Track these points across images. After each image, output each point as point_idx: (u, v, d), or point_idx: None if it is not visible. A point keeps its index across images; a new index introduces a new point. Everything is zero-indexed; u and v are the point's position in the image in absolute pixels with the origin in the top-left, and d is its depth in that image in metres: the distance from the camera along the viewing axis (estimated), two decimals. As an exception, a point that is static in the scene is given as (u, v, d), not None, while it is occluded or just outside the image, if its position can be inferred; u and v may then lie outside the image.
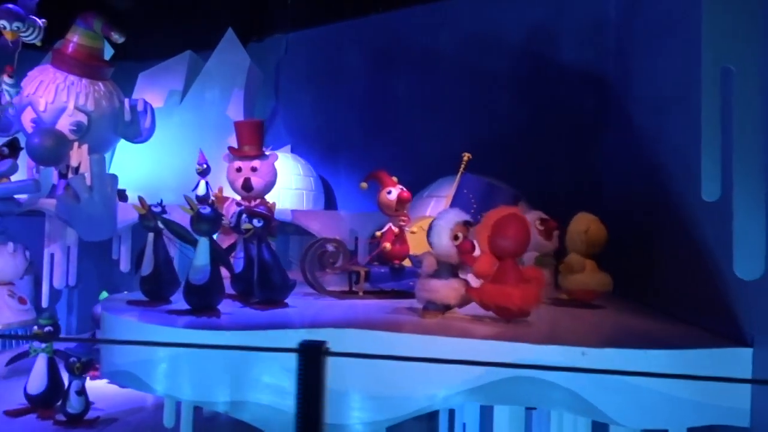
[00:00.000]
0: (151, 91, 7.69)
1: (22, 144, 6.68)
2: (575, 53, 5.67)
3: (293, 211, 6.41)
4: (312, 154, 7.52)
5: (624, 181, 4.94)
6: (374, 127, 7.13)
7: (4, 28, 5.96)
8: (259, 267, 3.69)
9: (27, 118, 6.25)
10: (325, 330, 3.07)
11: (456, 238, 3.28)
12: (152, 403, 4.51)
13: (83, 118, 6.26)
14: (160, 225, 3.68)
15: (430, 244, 3.29)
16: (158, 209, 3.73)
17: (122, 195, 6.50)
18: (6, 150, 6.62)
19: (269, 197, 6.53)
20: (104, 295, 5.03)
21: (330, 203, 7.37)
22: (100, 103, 6.38)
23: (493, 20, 6.18)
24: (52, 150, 6.03)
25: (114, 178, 6.13)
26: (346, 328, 3.08)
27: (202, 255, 3.35)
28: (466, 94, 6.38)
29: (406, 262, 4.42)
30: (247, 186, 5.45)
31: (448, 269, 3.35)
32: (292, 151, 7.51)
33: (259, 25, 8.02)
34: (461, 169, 4.68)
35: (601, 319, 3.69)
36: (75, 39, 6.35)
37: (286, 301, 3.77)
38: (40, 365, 4.15)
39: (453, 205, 4.67)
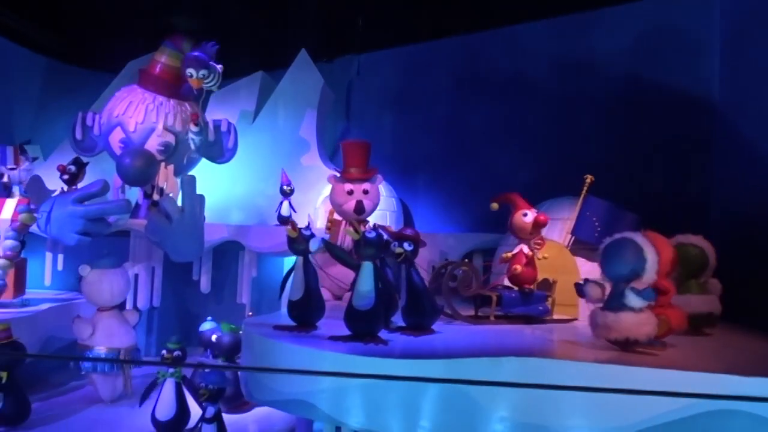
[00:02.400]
0: (223, 112, 7.67)
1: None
2: (675, 75, 5.63)
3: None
4: (386, 175, 7.47)
5: (740, 203, 4.88)
6: (454, 150, 7.10)
7: (191, 76, 5.95)
8: (409, 292, 3.63)
9: (115, 138, 6.21)
10: (506, 359, 3.00)
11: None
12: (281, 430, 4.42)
13: (171, 139, 6.23)
14: (311, 248, 3.62)
15: (636, 272, 3.09)
16: (308, 233, 3.67)
17: (200, 216, 6.46)
18: (73, 168, 6.60)
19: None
20: (225, 326, 4.94)
21: (407, 224, 7.31)
22: (186, 123, 6.35)
23: (584, 43, 6.18)
24: (143, 170, 5.99)
25: (202, 198, 6.07)
26: (528, 357, 3.01)
27: (366, 280, 3.28)
28: (553, 117, 6.35)
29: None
30: (359, 209, 5.44)
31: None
32: (366, 171, 7.47)
33: (330, 45, 8.02)
34: (584, 192, 4.64)
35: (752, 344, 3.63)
36: (162, 59, 6.34)
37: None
38: (168, 391, 4.06)
39: (576, 228, 4.63)
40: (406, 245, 3.61)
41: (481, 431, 2.89)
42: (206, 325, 4.94)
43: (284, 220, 6.72)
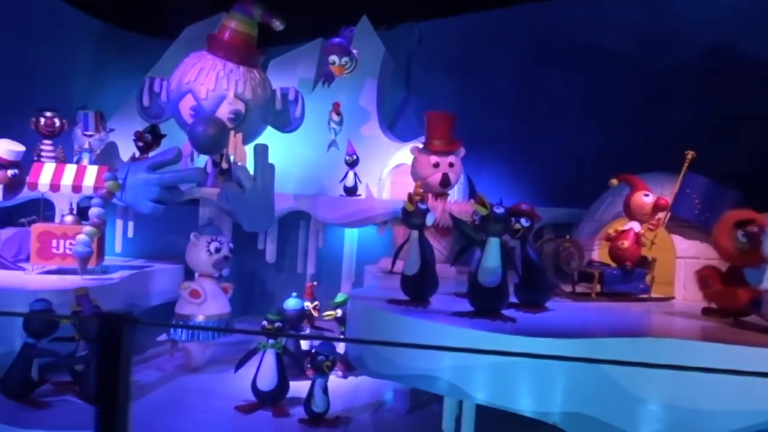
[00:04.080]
0: (282, 79, 7.55)
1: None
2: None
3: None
4: (448, 146, 7.37)
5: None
6: (521, 121, 6.97)
7: (333, 63, 5.83)
8: (525, 268, 3.58)
9: (186, 105, 6.12)
10: (644, 339, 2.97)
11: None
12: (374, 402, 4.44)
13: (242, 107, 6.15)
14: (428, 222, 3.57)
15: None
16: (424, 206, 3.61)
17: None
18: (149, 137, 6.56)
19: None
20: (342, 297, 4.95)
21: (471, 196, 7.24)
22: (256, 91, 6.27)
23: (670, 12, 5.98)
24: (216, 138, 5.93)
25: (272, 167, 6.00)
26: (667, 338, 2.98)
27: (493, 256, 3.23)
28: (634, 89, 6.18)
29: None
30: (445, 182, 5.39)
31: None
32: (427, 142, 7.36)
33: (390, 12, 7.83)
34: (685, 168, 4.54)
35: None
36: (232, 25, 6.21)
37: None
38: (269, 361, 4.07)
39: (676, 205, 4.54)
40: (523, 221, 3.55)
41: (620, 411, 2.87)
42: (291, 302, 4.86)
43: (350, 191, 6.68)
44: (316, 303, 5.28)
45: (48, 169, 5.14)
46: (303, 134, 7.33)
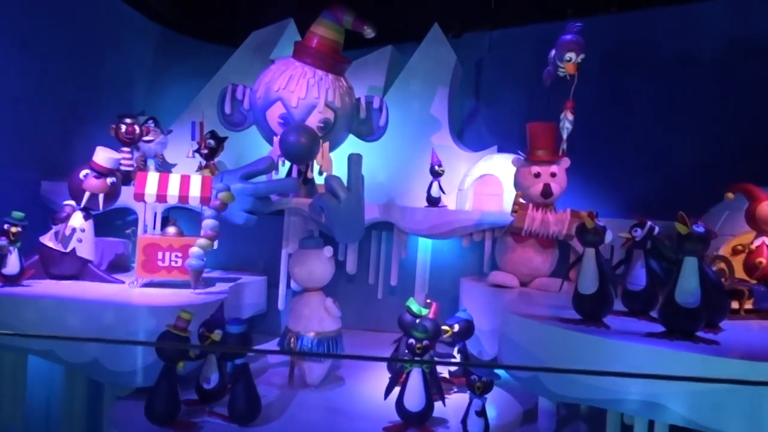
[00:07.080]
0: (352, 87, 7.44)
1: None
2: None
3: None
4: (522, 157, 7.29)
5: None
6: (601, 132, 6.91)
7: (569, 60, 5.51)
8: (702, 287, 3.50)
9: (274, 113, 5.96)
10: None
11: None
12: (512, 420, 4.32)
13: (331, 116, 6.01)
14: (606, 240, 3.48)
15: None
16: (602, 224, 3.52)
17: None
18: (213, 142, 6.40)
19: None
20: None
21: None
22: (344, 99, 6.13)
23: (759, 24, 5.99)
24: (309, 147, 5.78)
25: (362, 178, 5.87)
26: None
27: (691, 276, 3.15)
28: (719, 100, 6.19)
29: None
30: (546, 192, 5.34)
31: None
32: (499, 152, 7.29)
33: (459, 20, 7.76)
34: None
35: None
36: (320, 32, 6.06)
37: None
38: (416, 381, 3.92)
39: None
40: (700, 239, 3.47)
41: None
42: (463, 314, 4.68)
43: (433, 201, 6.56)
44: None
45: (152, 178, 4.95)
46: (373, 143, 7.21)
